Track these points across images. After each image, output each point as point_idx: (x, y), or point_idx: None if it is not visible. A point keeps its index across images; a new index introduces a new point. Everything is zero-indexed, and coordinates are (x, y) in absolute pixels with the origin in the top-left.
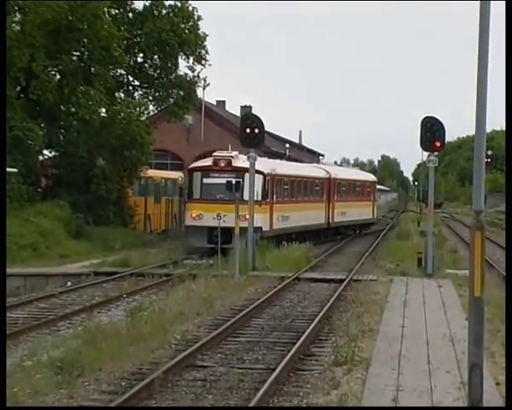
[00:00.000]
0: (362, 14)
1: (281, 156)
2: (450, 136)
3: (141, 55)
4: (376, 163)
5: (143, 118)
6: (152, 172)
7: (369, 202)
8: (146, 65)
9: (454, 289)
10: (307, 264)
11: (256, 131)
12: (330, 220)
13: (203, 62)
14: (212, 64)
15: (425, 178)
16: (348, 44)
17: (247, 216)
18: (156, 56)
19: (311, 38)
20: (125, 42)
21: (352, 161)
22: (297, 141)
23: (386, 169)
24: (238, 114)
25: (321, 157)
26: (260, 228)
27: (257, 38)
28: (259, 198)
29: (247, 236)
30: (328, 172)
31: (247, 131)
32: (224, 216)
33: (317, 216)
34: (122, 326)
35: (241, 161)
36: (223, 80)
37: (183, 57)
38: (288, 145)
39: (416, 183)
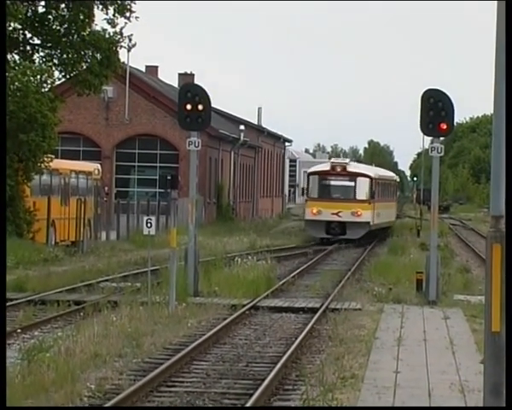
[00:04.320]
0: None
1: (232, 141)
2: (462, 115)
3: (42, 3)
4: (362, 152)
5: (46, 89)
6: (58, 163)
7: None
8: (50, 17)
9: (465, 322)
10: (268, 287)
11: (199, 107)
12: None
13: (128, 14)
14: (141, 17)
15: (427, 172)
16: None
17: (359, 212)
18: (63, 5)
19: None
20: None
21: (329, 149)
22: (255, 121)
23: (375, 160)
24: (175, 84)
25: (287, 143)
26: (368, 222)
27: None
28: (368, 197)
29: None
30: (396, 176)
31: (188, 107)
32: (340, 212)
33: (392, 214)
34: (16, 372)
35: (353, 166)
36: (155, 39)
37: (100, 7)
38: (242, 127)
39: (414, 178)
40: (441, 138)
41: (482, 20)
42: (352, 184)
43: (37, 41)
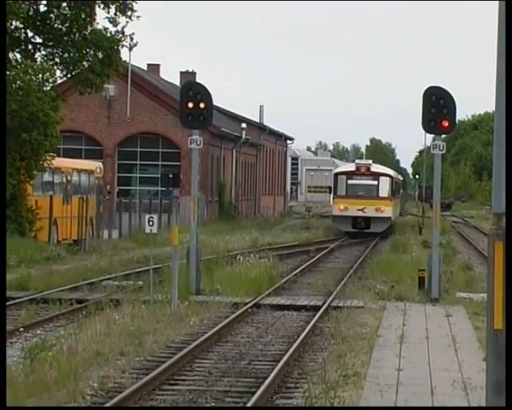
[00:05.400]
0: None
1: (234, 139)
2: (463, 113)
3: (44, 2)
4: (364, 149)
5: (48, 88)
6: (60, 162)
7: None
8: (51, 16)
9: (468, 320)
10: (270, 285)
11: (201, 105)
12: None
13: (129, 13)
14: (142, 16)
15: (429, 169)
16: None
17: (382, 208)
18: (65, 4)
19: None
20: None
21: (330, 147)
22: (257, 120)
23: (377, 158)
24: (177, 82)
25: (289, 141)
26: (390, 218)
27: None
28: (389, 195)
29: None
30: (399, 175)
31: (190, 105)
32: (365, 208)
33: (399, 209)
34: (18, 371)
35: (375, 167)
36: (156, 38)
37: (102, 6)
38: (244, 125)
39: (416, 176)
40: (443, 136)
41: (484, 18)
42: (376, 182)
43: (38, 40)
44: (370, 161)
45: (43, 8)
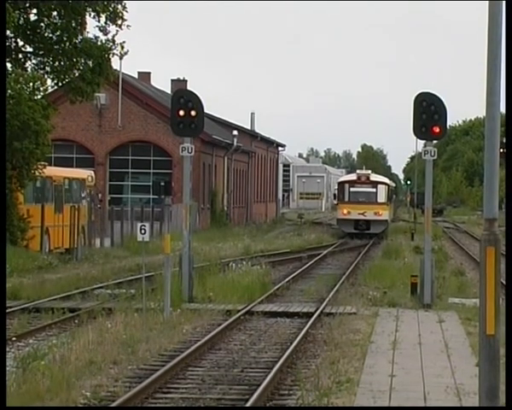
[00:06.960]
0: None
1: (226, 147)
2: (454, 118)
3: (34, 10)
4: (355, 156)
5: (39, 96)
6: (51, 171)
7: None
8: (42, 25)
9: (460, 325)
10: (263, 292)
11: (192, 113)
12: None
13: (119, 22)
14: (133, 25)
15: (420, 175)
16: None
17: (380, 212)
18: (55, 13)
19: None
20: None
21: (322, 154)
22: (248, 127)
23: (368, 164)
24: (168, 90)
25: (280, 148)
26: (387, 220)
27: None
28: (386, 200)
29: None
30: (392, 182)
31: (181, 113)
32: (365, 213)
33: (393, 212)
34: (11, 381)
35: (374, 176)
36: (147, 46)
37: (92, 15)
38: (235, 132)
39: (408, 182)
40: (434, 141)
41: (474, 23)
42: (374, 190)
43: (29, 49)
44: (369, 171)
45: (33, 17)
